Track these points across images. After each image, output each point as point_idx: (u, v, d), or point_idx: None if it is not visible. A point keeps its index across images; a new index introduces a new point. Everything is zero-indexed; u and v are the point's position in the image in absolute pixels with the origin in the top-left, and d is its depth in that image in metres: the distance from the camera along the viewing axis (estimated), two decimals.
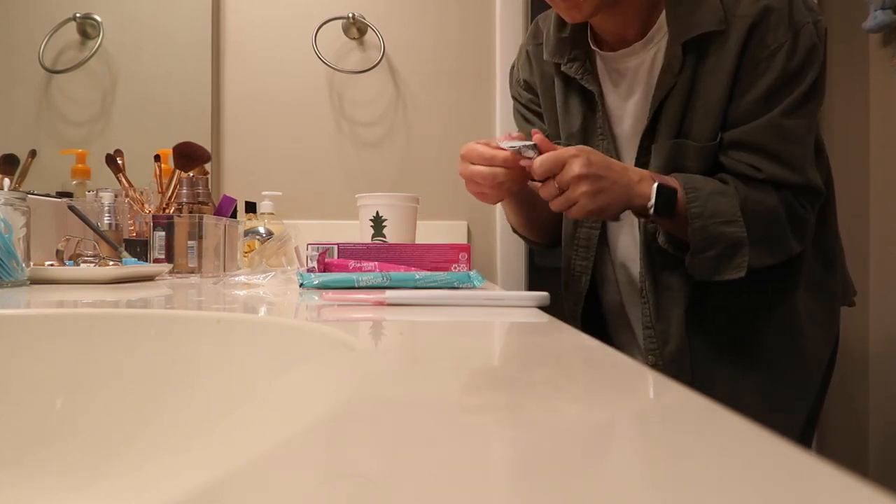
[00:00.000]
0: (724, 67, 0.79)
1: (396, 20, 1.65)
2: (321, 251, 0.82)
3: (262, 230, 1.41)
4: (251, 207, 1.49)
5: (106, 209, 1.09)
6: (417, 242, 1.03)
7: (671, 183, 0.78)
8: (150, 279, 0.90)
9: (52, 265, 0.84)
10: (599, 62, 0.90)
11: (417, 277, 0.68)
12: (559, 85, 0.93)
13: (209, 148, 1.34)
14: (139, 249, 1.05)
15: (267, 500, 0.13)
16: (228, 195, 1.23)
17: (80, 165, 1.22)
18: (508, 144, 0.78)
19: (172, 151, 1.11)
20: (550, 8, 0.88)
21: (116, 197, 1.10)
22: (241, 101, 1.64)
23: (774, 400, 0.87)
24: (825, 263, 0.91)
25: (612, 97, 0.90)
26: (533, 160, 0.75)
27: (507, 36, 1.63)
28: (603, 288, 0.99)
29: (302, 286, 0.69)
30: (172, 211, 1.09)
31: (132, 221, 1.14)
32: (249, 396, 0.38)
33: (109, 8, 1.42)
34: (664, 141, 0.83)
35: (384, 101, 1.66)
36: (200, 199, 1.09)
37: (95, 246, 0.92)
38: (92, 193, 1.12)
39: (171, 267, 0.97)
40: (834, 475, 0.14)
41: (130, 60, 1.46)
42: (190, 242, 1.01)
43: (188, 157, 1.11)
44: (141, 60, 1.50)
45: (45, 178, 1.16)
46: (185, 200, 1.08)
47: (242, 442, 0.34)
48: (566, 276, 0.99)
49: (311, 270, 0.80)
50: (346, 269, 0.80)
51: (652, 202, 0.76)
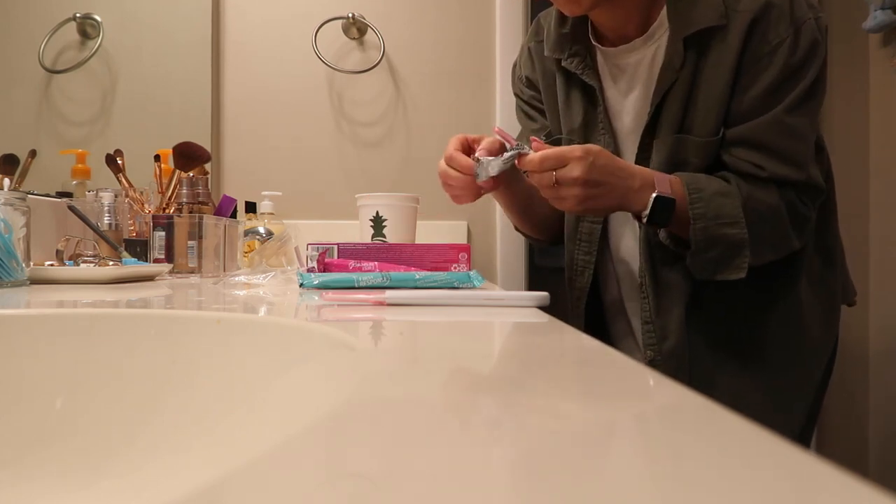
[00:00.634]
0: (725, 62, 0.79)
1: (396, 20, 1.65)
2: (321, 251, 0.82)
3: (262, 230, 1.41)
4: (251, 207, 1.49)
5: (106, 209, 1.09)
6: (417, 242, 1.03)
7: (674, 189, 0.78)
8: (150, 279, 0.90)
9: (52, 265, 0.84)
10: (600, 57, 0.91)
11: (417, 277, 0.68)
12: (560, 81, 0.94)
13: (209, 148, 1.34)
14: (139, 249, 1.05)
15: (267, 500, 0.13)
16: (228, 195, 1.23)
17: (80, 165, 1.22)
18: (485, 160, 0.80)
19: (172, 151, 1.11)
20: (551, 6, 0.88)
21: (116, 197, 1.10)
22: (241, 101, 1.64)
23: (774, 398, 0.87)
24: (825, 261, 0.91)
25: (612, 92, 0.90)
26: (527, 153, 0.77)
27: (507, 36, 1.63)
28: (604, 283, 0.99)
29: (302, 286, 0.69)
30: (172, 211, 1.09)
31: (132, 221, 1.14)
32: (249, 396, 0.38)
33: (109, 8, 1.42)
34: (666, 136, 0.83)
35: (384, 101, 1.66)
36: (200, 199, 1.09)
37: (95, 246, 0.92)
38: (92, 193, 1.12)
39: (171, 267, 0.97)
40: (834, 475, 0.14)
41: (130, 60, 1.46)
42: (190, 242, 1.01)
43: (188, 157, 1.11)
44: (141, 60, 1.50)
45: (45, 178, 1.16)
46: (185, 200, 1.08)
47: (242, 442, 0.34)
48: (569, 271, 0.99)
49: (311, 270, 0.80)
50: (346, 269, 0.80)
51: (646, 213, 0.77)
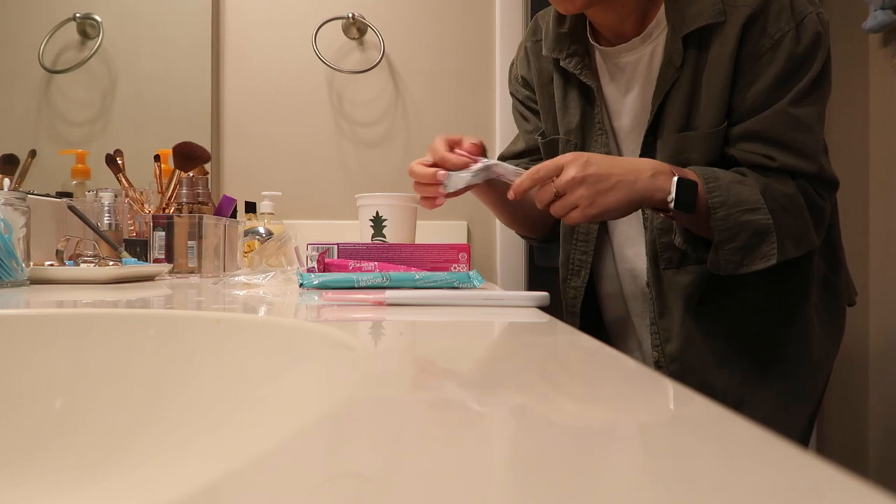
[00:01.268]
0: (724, 57, 0.78)
1: (396, 20, 1.65)
2: (321, 251, 0.82)
3: (261, 230, 1.41)
4: (251, 207, 1.49)
5: (106, 209, 1.09)
6: (417, 242, 1.03)
7: (690, 175, 0.75)
8: (149, 279, 0.90)
9: (52, 265, 0.84)
10: (598, 57, 0.90)
11: (417, 277, 0.68)
12: (558, 80, 0.93)
13: (209, 148, 1.35)
14: (139, 249, 1.05)
15: (267, 500, 0.13)
16: (228, 195, 1.23)
17: (79, 165, 1.22)
18: (454, 174, 0.81)
19: (172, 151, 1.11)
20: (550, 5, 0.88)
21: (116, 197, 1.10)
22: (241, 101, 1.64)
23: (779, 401, 0.86)
24: (831, 262, 0.90)
25: (610, 92, 0.90)
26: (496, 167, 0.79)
27: (507, 36, 1.63)
28: (601, 281, 0.98)
29: (302, 286, 0.69)
30: (172, 211, 1.09)
31: (132, 221, 1.14)
32: (249, 396, 0.37)
33: (109, 8, 1.42)
34: (669, 135, 0.82)
35: (384, 101, 1.66)
36: (200, 199, 1.09)
37: (95, 246, 0.92)
38: (92, 193, 1.12)
39: (170, 267, 0.97)
40: (834, 475, 0.14)
41: (130, 60, 1.46)
42: (190, 242, 1.01)
43: (188, 157, 1.11)
44: (141, 60, 1.50)
45: (45, 178, 1.16)
46: (184, 200, 1.08)
47: (242, 442, 0.34)
48: (564, 270, 0.98)
49: (310, 270, 0.80)
50: (346, 269, 0.80)
51: (672, 196, 0.72)
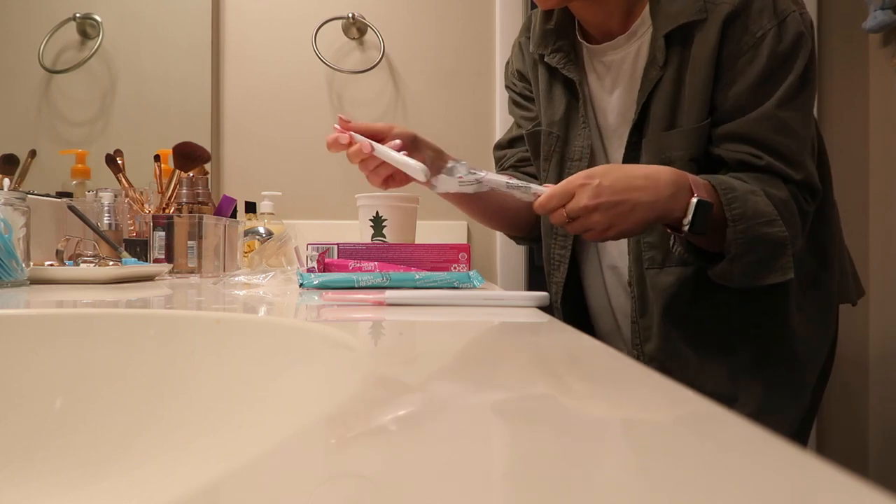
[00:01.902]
0: (706, 55, 0.78)
1: (396, 20, 1.65)
2: (321, 251, 0.82)
3: (261, 230, 1.41)
4: (251, 207, 1.49)
5: (106, 209, 1.09)
6: (417, 242, 1.03)
7: (706, 194, 0.72)
8: (149, 279, 0.90)
9: (51, 265, 0.84)
10: (585, 55, 0.90)
11: (417, 277, 0.68)
12: (543, 75, 0.93)
13: (209, 148, 1.35)
14: (139, 249, 1.05)
15: (267, 500, 0.13)
16: (228, 195, 1.23)
17: (79, 165, 1.22)
18: (444, 175, 0.73)
19: (172, 151, 1.11)
20: None
21: (116, 197, 1.10)
22: (241, 101, 1.64)
23: (764, 402, 0.85)
24: (821, 260, 0.88)
25: (596, 90, 0.90)
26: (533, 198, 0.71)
27: (507, 35, 1.63)
28: (586, 277, 0.98)
29: (302, 286, 0.69)
30: (172, 211, 1.09)
31: (132, 221, 1.14)
32: (249, 396, 0.37)
33: (109, 8, 1.42)
34: (654, 135, 0.81)
35: (384, 101, 1.66)
36: (200, 199, 1.09)
37: (95, 246, 0.92)
38: (92, 193, 1.12)
39: (170, 267, 0.97)
40: (834, 475, 0.14)
41: (130, 60, 1.46)
42: (190, 242, 1.01)
43: (188, 157, 1.11)
44: (141, 60, 1.50)
45: (45, 178, 1.16)
46: (184, 200, 1.08)
47: (242, 442, 0.34)
48: (547, 265, 0.98)
49: (310, 270, 0.80)
50: (346, 269, 0.80)
51: (688, 220, 0.70)
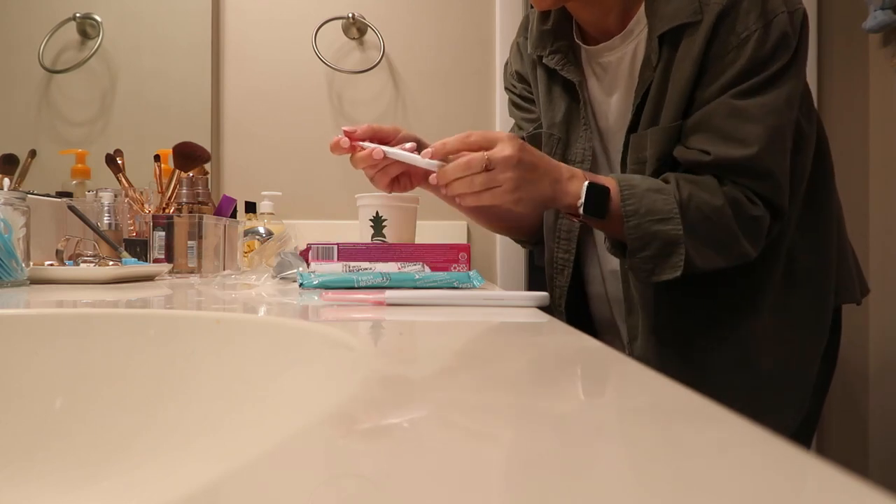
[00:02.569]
0: (692, 54, 0.77)
1: (396, 20, 1.65)
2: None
3: (261, 230, 1.41)
4: (251, 207, 1.49)
5: (106, 209, 1.09)
6: (417, 242, 1.03)
7: (605, 183, 0.75)
8: (149, 279, 0.90)
9: (51, 265, 0.84)
10: (584, 55, 0.90)
11: (417, 277, 0.68)
12: (542, 76, 0.92)
13: (209, 148, 1.34)
14: (139, 249, 1.05)
15: (267, 500, 0.13)
16: (228, 195, 1.23)
17: (79, 165, 1.22)
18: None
19: (172, 151, 1.11)
20: None
21: (116, 197, 1.10)
22: (241, 101, 1.64)
23: (756, 404, 0.83)
24: (816, 257, 0.87)
25: (596, 91, 0.89)
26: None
27: (507, 35, 1.63)
28: (588, 280, 0.97)
29: (302, 286, 0.69)
30: (172, 211, 1.09)
31: (132, 221, 1.14)
32: (249, 396, 0.37)
33: (109, 8, 1.42)
34: (636, 135, 0.81)
35: (384, 101, 1.66)
36: (200, 199, 1.09)
37: (95, 246, 0.92)
38: (92, 193, 1.12)
39: (170, 267, 0.97)
40: (834, 475, 0.14)
41: (130, 60, 1.46)
42: (190, 242, 1.01)
43: (188, 157, 1.11)
44: (141, 60, 1.50)
45: (45, 178, 1.16)
46: (184, 200, 1.08)
47: (242, 442, 0.34)
48: (549, 268, 0.97)
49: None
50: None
51: (582, 200, 0.74)
